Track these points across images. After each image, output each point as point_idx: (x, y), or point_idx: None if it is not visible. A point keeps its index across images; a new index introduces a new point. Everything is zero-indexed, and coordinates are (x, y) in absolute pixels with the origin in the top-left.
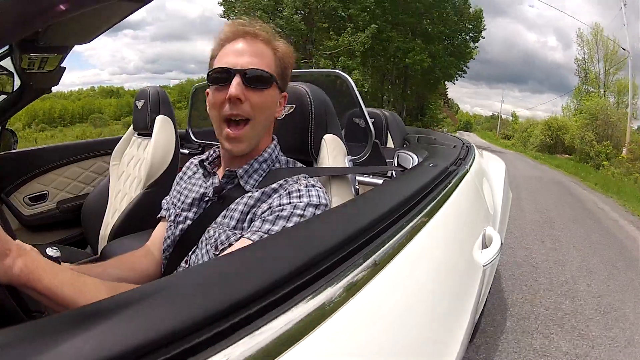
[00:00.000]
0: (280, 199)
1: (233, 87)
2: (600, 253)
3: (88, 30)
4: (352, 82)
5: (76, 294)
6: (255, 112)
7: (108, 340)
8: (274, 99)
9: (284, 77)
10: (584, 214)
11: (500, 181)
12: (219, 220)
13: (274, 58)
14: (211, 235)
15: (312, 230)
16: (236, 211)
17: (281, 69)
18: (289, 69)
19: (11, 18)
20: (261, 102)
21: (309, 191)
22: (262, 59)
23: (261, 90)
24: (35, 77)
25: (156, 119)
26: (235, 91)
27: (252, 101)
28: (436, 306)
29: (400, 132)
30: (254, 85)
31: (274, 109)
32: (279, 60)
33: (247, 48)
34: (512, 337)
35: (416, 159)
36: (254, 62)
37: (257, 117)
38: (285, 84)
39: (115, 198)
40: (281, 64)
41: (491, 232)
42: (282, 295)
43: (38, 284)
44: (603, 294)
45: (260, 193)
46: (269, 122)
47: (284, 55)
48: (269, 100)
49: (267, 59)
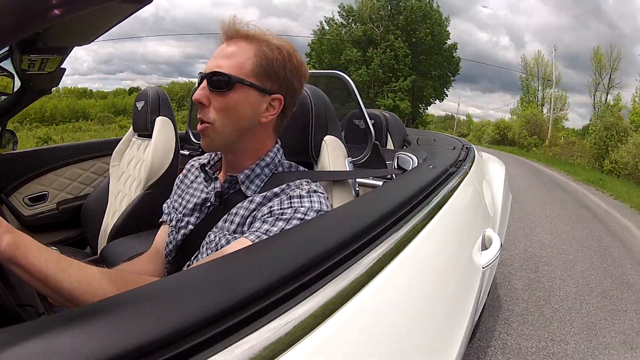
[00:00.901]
0: (281, 203)
1: (197, 91)
2: (531, 177)
3: (88, 31)
4: (352, 83)
5: (60, 272)
6: (216, 115)
7: (108, 340)
8: (242, 101)
9: (271, 75)
10: (527, 168)
11: (499, 183)
12: (220, 225)
13: (253, 55)
14: (212, 239)
15: (312, 231)
16: (237, 215)
17: (264, 68)
18: (281, 67)
19: (6, 22)
20: (223, 105)
21: (311, 197)
22: (231, 59)
23: (225, 93)
24: (35, 78)
25: (156, 120)
26: (196, 95)
27: (215, 105)
28: (436, 307)
29: (400, 134)
30: (215, 89)
31: (245, 112)
32: (261, 57)
33: (222, 49)
34: None
35: (416, 160)
36: (219, 64)
37: (219, 121)
38: (279, 84)
39: (115, 199)
40: (264, 62)
41: (491, 233)
42: (282, 296)
43: (23, 260)
44: (529, 184)
45: (261, 197)
46: (240, 125)
47: (271, 50)
48: (232, 103)
49: (239, 58)
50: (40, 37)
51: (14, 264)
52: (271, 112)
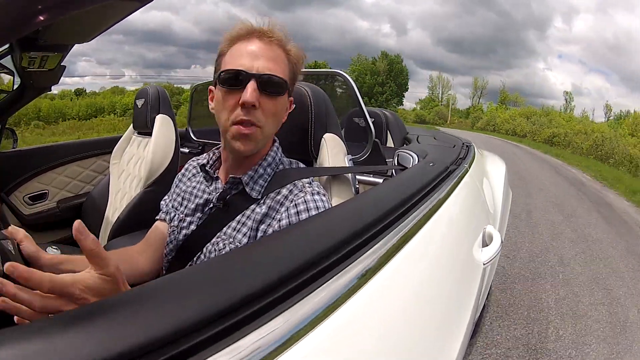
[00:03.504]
0: (289, 217)
1: (248, 92)
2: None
3: (88, 29)
4: (353, 81)
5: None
6: (267, 118)
7: (108, 340)
8: (285, 105)
9: (294, 81)
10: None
11: (500, 180)
12: (229, 233)
13: (287, 63)
14: (221, 248)
15: (312, 229)
16: (245, 225)
17: (293, 74)
18: (299, 73)
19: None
20: (274, 109)
21: (316, 201)
22: (277, 64)
23: (275, 98)
24: (35, 76)
25: (156, 118)
26: (251, 98)
27: (265, 108)
28: (436, 305)
29: (401, 132)
30: (269, 92)
31: (283, 115)
32: (291, 65)
33: (263, 51)
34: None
35: (416, 158)
36: (270, 66)
37: (268, 124)
38: (294, 88)
39: (115, 197)
40: (293, 69)
41: (491, 230)
42: (282, 295)
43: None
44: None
45: (267, 207)
46: (278, 127)
47: (296, 60)
48: (280, 107)
49: (282, 64)
50: (40, 34)
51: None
52: (287, 113)
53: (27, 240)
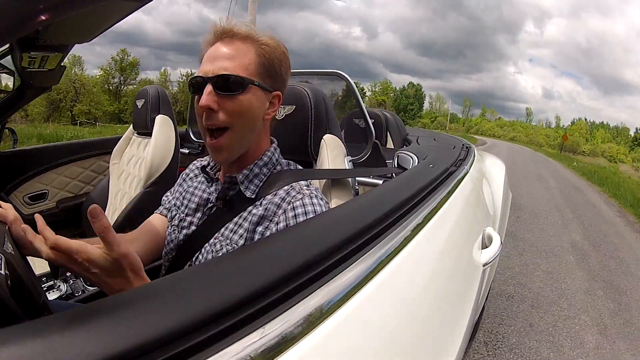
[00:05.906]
0: (287, 220)
1: (203, 97)
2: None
3: (89, 29)
4: (353, 82)
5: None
6: (232, 118)
7: (108, 340)
8: (254, 101)
9: (272, 74)
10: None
11: (499, 181)
12: (226, 234)
13: (255, 55)
14: (218, 249)
15: (311, 230)
16: (241, 227)
17: (266, 67)
18: (278, 65)
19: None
20: (238, 107)
21: (314, 205)
22: (235, 61)
23: (235, 96)
24: (35, 76)
25: (156, 118)
26: (204, 101)
27: (227, 108)
28: (436, 306)
29: (400, 133)
30: (225, 92)
31: (258, 112)
32: (262, 57)
33: (222, 51)
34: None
35: (416, 159)
36: (225, 66)
37: (236, 124)
38: (277, 82)
39: (115, 197)
40: (266, 61)
41: (491, 232)
42: (281, 295)
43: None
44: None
45: (263, 209)
46: (254, 125)
47: (270, 50)
48: (246, 104)
49: (243, 59)
50: (40, 34)
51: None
52: (272, 109)
53: (17, 223)
